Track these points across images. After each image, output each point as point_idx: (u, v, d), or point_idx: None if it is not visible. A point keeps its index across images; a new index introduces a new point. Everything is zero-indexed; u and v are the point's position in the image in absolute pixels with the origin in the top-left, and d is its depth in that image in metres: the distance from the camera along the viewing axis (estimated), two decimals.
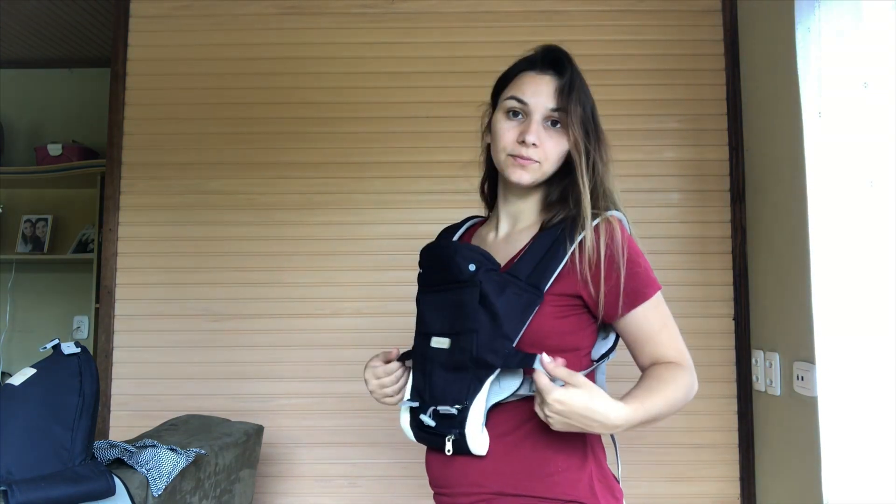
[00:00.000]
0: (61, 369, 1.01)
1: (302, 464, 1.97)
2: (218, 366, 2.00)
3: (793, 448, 1.65)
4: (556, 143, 1.06)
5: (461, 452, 0.99)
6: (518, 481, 0.98)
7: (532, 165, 1.05)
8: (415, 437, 1.07)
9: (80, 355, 1.04)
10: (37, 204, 3.23)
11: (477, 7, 2.07)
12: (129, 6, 2.10)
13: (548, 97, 1.05)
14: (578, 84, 1.06)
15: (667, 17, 2.05)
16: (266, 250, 2.03)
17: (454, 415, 0.98)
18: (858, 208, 1.50)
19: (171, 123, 2.07)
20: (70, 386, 1.01)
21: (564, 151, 1.07)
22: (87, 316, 3.14)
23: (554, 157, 1.06)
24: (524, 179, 1.06)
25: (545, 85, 1.06)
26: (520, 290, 0.99)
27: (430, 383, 1.02)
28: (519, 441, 1.00)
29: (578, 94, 1.06)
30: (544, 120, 1.06)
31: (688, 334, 1.91)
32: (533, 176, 1.06)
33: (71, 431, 0.99)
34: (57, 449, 0.97)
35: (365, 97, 2.06)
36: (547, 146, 1.05)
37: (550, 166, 1.07)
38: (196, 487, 1.44)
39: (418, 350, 1.08)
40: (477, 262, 1.01)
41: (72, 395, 1.01)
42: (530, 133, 1.04)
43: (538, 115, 1.05)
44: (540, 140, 1.05)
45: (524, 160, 1.05)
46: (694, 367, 1.04)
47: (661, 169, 2.01)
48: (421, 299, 1.10)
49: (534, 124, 1.05)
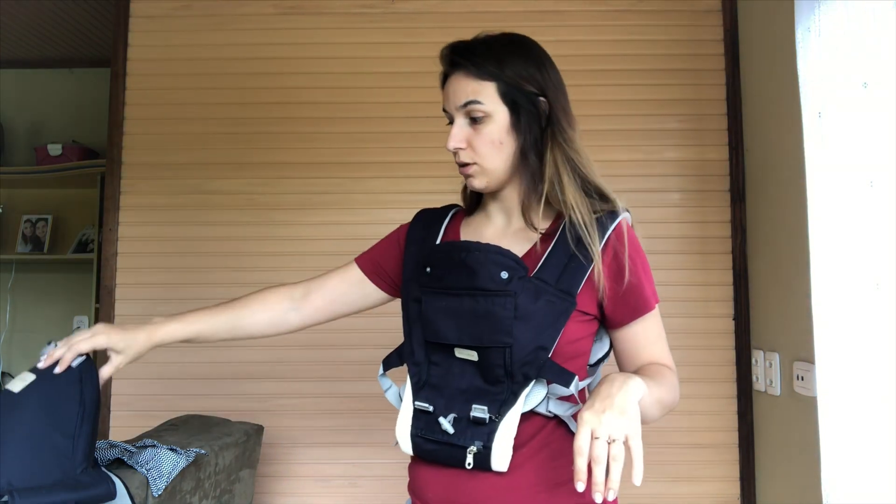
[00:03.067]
0: (61, 376, 1.00)
1: (302, 464, 1.97)
2: (218, 366, 2.00)
3: (793, 448, 1.65)
4: (483, 136, 1.00)
5: (480, 467, 0.93)
6: (535, 494, 0.95)
7: (471, 170, 1.02)
8: (414, 450, 0.99)
9: (82, 363, 1.04)
10: (37, 204, 3.23)
11: (477, 7, 2.07)
12: (129, 6, 2.10)
13: (454, 96, 1.01)
14: (483, 63, 0.99)
15: (667, 17, 2.05)
16: (266, 250, 2.03)
17: (484, 423, 0.93)
18: (858, 208, 1.50)
19: (171, 123, 2.07)
20: (70, 394, 1.00)
21: (497, 139, 1.00)
22: (87, 316, 3.14)
23: (486, 152, 1.00)
24: (476, 185, 1.04)
25: (451, 85, 1.03)
26: (553, 297, 0.95)
27: (449, 393, 0.97)
28: (534, 452, 0.96)
29: (487, 73, 0.99)
30: (465, 118, 1.01)
31: (688, 334, 1.95)
32: (481, 180, 1.03)
33: (72, 439, 0.98)
34: (58, 457, 0.97)
35: (365, 97, 2.06)
36: (475, 143, 1.01)
37: (490, 161, 1.01)
38: (196, 487, 1.44)
39: (426, 357, 1.00)
40: (510, 270, 0.95)
41: (72, 403, 1.00)
42: (449, 140, 1.02)
43: (459, 117, 1.02)
44: (466, 140, 1.01)
45: (464, 168, 1.03)
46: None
47: (661, 169, 2.01)
48: (426, 301, 1.00)
49: (454, 128, 1.02)
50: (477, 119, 1.00)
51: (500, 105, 1.00)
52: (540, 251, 1.00)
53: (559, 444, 0.97)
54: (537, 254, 1.00)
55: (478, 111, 1.00)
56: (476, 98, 0.99)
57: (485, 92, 0.99)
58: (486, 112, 1.00)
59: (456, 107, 1.02)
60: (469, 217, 1.14)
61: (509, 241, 1.03)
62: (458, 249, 1.00)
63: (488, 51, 1.01)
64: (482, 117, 1.00)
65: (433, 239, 1.10)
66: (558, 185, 0.99)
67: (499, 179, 1.03)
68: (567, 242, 0.98)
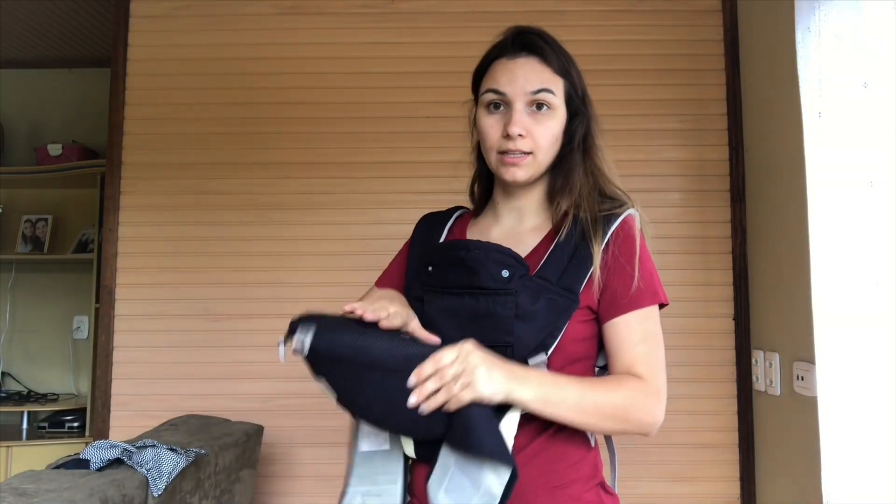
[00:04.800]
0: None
1: (302, 464, 1.97)
2: (218, 366, 2.00)
3: (793, 448, 1.65)
4: (546, 128, 0.98)
5: None
6: (534, 496, 0.95)
7: (524, 160, 0.98)
8: (416, 452, 0.96)
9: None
10: (37, 204, 3.23)
11: (477, 7, 2.07)
12: (129, 6, 2.10)
13: (525, 80, 0.98)
14: (557, 59, 1.00)
15: (667, 17, 2.05)
16: (266, 250, 2.03)
17: None
18: (858, 208, 1.50)
19: (171, 123, 2.07)
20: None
21: (556, 135, 1.00)
22: (87, 316, 3.14)
23: (546, 145, 0.99)
24: (519, 177, 0.99)
25: (520, 68, 0.99)
26: (555, 295, 0.94)
27: None
28: (535, 454, 0.95)
29: (559, 69, 0.99)
30: (528, 106, 0.98)
31: (688, 334, 1.95)
32: (528, 171, 0.99)
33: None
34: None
35: (365, 97, 2.06)
36: (536, 133, 0.98)
37: (545, 155, 1.00)
38: (196, 487, 1.44)
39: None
40: (510, 268, 0.94)
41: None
42: (514, 124, 0.96)
43: (519, 102, 0.98)
44: (526, 129, 0.97)
45: (514, 157, 0.98)
46: (664, 398, 0.95)
47: (661, 169, 2.01)
48: (428, 300, 1.00)
49: (516, 113, 0.97)
50: (542, 110, 0.98)
51: (563, 104, 1.00)
52: (544, 250, 1.00)
53: (560, 448, 0.96)
54: (541, 253, 0.99)
55: (549, 101, 0.98)
56: (552, 88, 0.99)
57: (557, 87, 1.00)
58: (555, 105, 0.99)
59: (525, 91, 0.98)
60: (476, 218, 1.13)
61: (515, 240, 1.02)
62: (458, 248, 1.00)
63: (558, 47, 1.02)
64: (548, 110, 0.99)
65: (436, 239, 1.10)
66: (578, 188, 1.01)
67: (539, 174, 1.03)
68: (571, 241, 0.98)
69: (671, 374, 1.01)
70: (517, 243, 1.01)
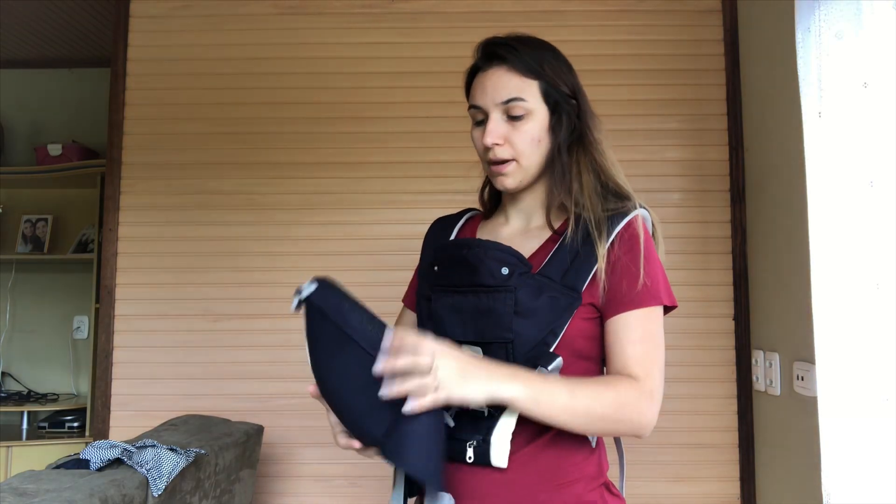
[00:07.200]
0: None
1: (302, 464, 1.97)
2: (218, 366, 2.00)
3: (793, 448, 1.65)
4: (523, 133, 1.00)
5: (480, 462, 0.93)
6: (535, 493, 0.95)
7: (508, 167, 1.01)
8: None
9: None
10: (37, 204, 3.23)
11: (477, 7, 2.08)
12: (129, 6, 2.10)
13: (494, 91, 1.00)
14: (525, 61, 1.00)
15: (667, 17, 2.05)
16: (266, 250, 2.03)
17: (483, 417, 0.92)
18: (858, 208, 1.50)
19: (171, 123, 2.07)
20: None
21: (537, 137, 1.01)
22: (87, 316, 3.14)
23: (527, 149, 1.00)
24: (508, 184, 1.02)
25: (489, 79, 1.01)
26: (556, 292, 0.94)
27: None
28: (538, 452, 0.96)
29: (530, 70, 1.00)
30: (503, 114, 1.00)
31: (688, 334, 1.95)
32: (515, 178, 1.02)
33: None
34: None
35: (365, 97, 2.06)
36: (514, 139, 1.00)
37: (528, 159, 1.01)
38: (196, 487, 1.44)
39: None
40: (510, 266, 0.95)
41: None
42: (487, 135, 0.99)
43: (494, 112, 1.00)
44: (503, 136, 1.00)
45: (498, 166, 1.01)
46: (658, 400, 0.94)
47: (661, 169, 2.02)
48: (435, 298, 1.02)
49: (490, 123, 1.00)
50: (517, 116, 1.00)
51: (541, 104, 1.01)
52: (549, 248, 1.00)
53: (564, 447, 0.97)
54: (546, 251, 1.00)
55: (520, 108, 0.99)
56: (520, 95, 1.00)
57: (529, 90, 1.00)
58: (529, 110, 1.00)
59: (495, 102, 1.00)
60: (487, 220, 1.14)
61: (524, 239, 1.04)
62: (460, 247, 1.02)
63: (529, 49, 1.02)
64: (523, 115, 1.00)
65: (445, 240, 1.13)
66: (578, 185, 1.01)
67: (531, 178, 1.04)
68: (575, 239, 0.98)
69: (671, 374, 1.01)
70: (525, 242, 1.02)
